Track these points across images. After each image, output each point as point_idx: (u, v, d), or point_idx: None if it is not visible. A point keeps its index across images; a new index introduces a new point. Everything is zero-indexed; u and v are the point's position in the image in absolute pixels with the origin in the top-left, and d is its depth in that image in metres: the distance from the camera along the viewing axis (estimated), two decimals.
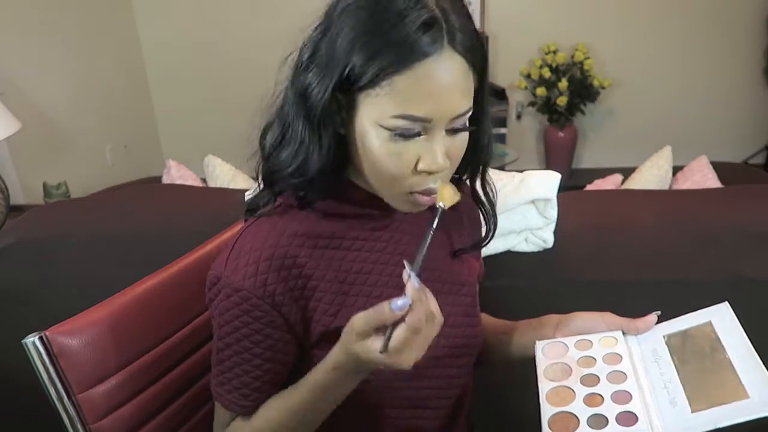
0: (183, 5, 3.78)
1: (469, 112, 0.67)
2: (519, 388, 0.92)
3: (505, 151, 3.41)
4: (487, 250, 0.96)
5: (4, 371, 1.36)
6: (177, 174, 2.16)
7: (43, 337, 0.77)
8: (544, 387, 0.76)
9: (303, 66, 0.68)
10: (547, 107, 3.72)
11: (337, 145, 0.70)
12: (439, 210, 0.67)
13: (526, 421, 0.77)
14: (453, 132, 0.67)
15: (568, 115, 3.72)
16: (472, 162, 0.77)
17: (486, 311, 0.96)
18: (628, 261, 1.29)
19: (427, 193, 0.69)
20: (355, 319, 0.62)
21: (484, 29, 3.71)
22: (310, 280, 0.72)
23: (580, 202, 1.48)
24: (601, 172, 2.38)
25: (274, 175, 0.73)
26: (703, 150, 2.26)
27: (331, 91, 0.65)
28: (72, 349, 0.78)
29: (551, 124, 3.81)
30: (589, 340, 0.82)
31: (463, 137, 0.69)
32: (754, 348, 0.71)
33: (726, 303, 0.78)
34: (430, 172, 0.67)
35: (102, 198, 1.84)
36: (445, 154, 0.67)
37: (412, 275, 0.60)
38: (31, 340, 0.76)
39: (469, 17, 0.67)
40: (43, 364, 0.77)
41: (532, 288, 1.29)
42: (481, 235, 0.90)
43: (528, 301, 1.28)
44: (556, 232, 1.29)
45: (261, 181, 0.75)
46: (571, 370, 0.78)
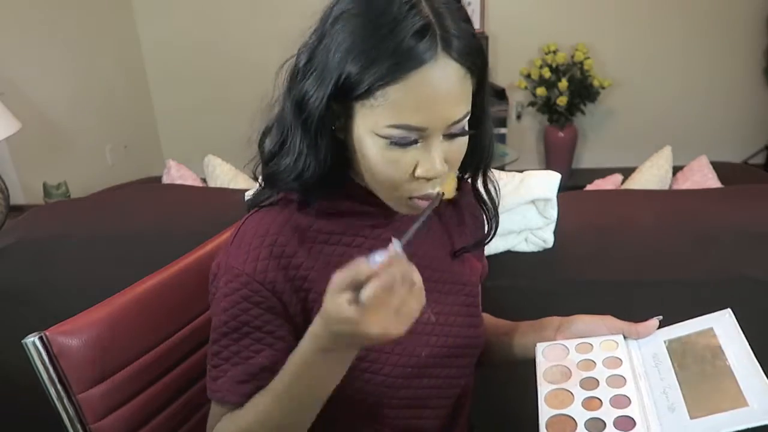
0: (183, 5, 3.78)
1: (467, 117, 0.67)
2: (519, 388, 0.92)
3: (505, 151, 3.41)
4: (488, 250, 0.96)
5: (4, 371, 1.36)
6: (177, 174, 2.16)
7: (43, 337, 0.77)
8: (543, 389, 0.76)
9: (299, 74, 0.69)
10: (547, 107, 3.72)
11: (336, 150, 0.70)
12: (437, 195, 0.66)
13: (526, 421, 0.77)
14: (451, 137, 0.67)
15: (568, 115, 3.72)
16: (474, 162, 0.77)
17: (486, 311, 0.96)
18: (628, 261, 1.29)
19: (425, 198, 0.69)
20: (333, 277, 0.59)
21: (484, 29, 3.71)
22: (310, 272, 0.72)
23: (580, 202, 1.48)
24: (601, 172, 2.38)
25: (274, 178, 0.73)
26: (703, 150, 2.26)
27: (327, 101, 0.65)
28: (72, 349, 0.78)
29: (551, 124, 3.80)
30: (589, 344, 0.82)
31: (462, 141, 0.69)
32: (755, 348, 0.71)
33: (728, 310, 0.77)
34: (428, 179, 0.67)
35: (102, 198, 1.84)
36: (443, 160, 0.66)
37: (395, 241, 0.58)
38: (31, 340, 0.76)
39: (467, 20, 0.66)
40: (43, 364, 0.77)
41: (532, 288, 1.29)
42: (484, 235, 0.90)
43: (528, 301, 1.28)
44: (556, 232, 1.29)
45: (262, 182, 0.76)
46: (570, 372, 0.78)
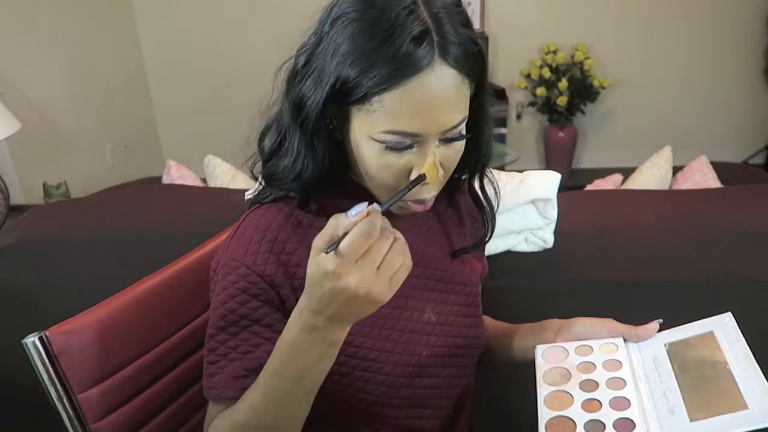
0: (183, 5, 3.78)
1: (463, 122, 0.67)
2: (519, 390, 0.92)
3: (505, 151, 3.41)
4: (488, 250, 0.96)
5: (4, 371, 1.36)
6: (177, 174, 2.16)
7: (43, 337, 0.77)
8: (543, 391, 0.76)
9: (297, 76, 0.69)
10: (547, 107, 3.72)
11: (335, 150, 0.70)
12: (420, 176, 0.65)
13: (526, 422, 0.77)
14: (446, 141, 0.67)
15: (568, 115, 3.72)
16: (472, 163, 0.77)
17: (486, 311, 0.96)
18: (628, 261, 1.29)
19: (419, 202, 0.70)
20: (314, 241, 0.58)
21: (484, 29, 3.71)
22: None
23: (580, 202, 1.47)
24: (601, 172, 2.38)
25: (273, 178, 0.74)
26: (703, 150, 2.26)
27: (323, 104, 0.65)
28: (72, 349, 0.78)
29: (551, 124, 3.80)
30: (589, 346, 0.82)
31: (458, 146, 0.68)
32: (756, 349, 0.71)
33: (729, 313, 0.77)
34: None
35: (102, 198, 1.83)
36: (438, 165, 0.66)
37: (375, 204, 0.57)
38: (31, 340, 0.76)
39: (467, 24, 0.66)
40: (43, 364, 0.77)
41: (532, 288, 1.29)
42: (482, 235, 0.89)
43: (528, 301, 1.28)
44: (556, 232, 1.29)
45: (262, 181, 0.76)
46: (570, 374, 0.78)
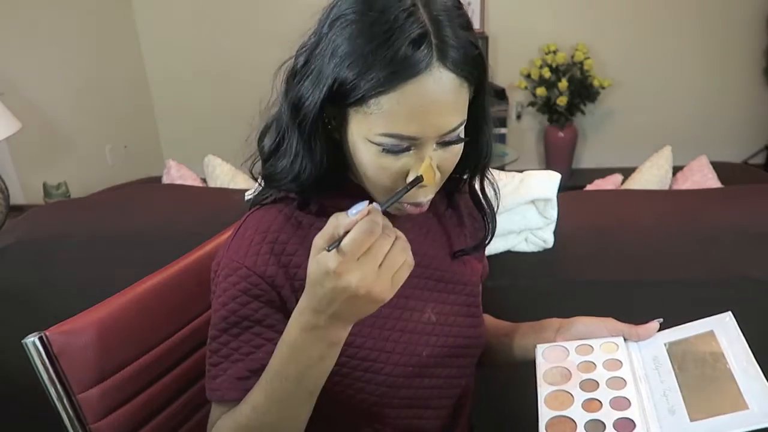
0: (183, 5, 3.78)
1: (462, 126, 0.67)
2: (520, 389, 0.92)
3: (505, 151, 3.41)
4: (488, 250, 0.96)
5: (4, 371, 1.36)
6: (177, 174, 2.16)
7: (43, 337, 0.77)
8: (543, 390, 0.76)
9: (296, 77, 0.69)
10: (547, 107, 3.72)
11: (334, 151, 0.70)
12: (417, 178, 0.64)
13: (526, 422, 0.77)
14: (444, 144, 0.67)
15: (568, 115, 3.72)
16: (471, 164, 0.77)
17: (486, 311, 0.96)
18: (628, 261, 1.29)
19: (416, 205, 0.70)
20: (314, 240, 0.59)
21: (484, 30, 3.71)
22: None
23: (580, 202, 1.47)
24: (601, 172, 2.38)
25: (272, 179, 0.74)
26: (703, 150, 2.26)
27: (321, 105, 0.65)
28: (72, 349, 0.78)
29: (551, 124, 3.80)
30: (589, 345, 0.82)
31: (455, 149, 0.68)
32: (756, 348, 0.71)
33: (729, 313, 0.77)
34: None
35: (102, 198, 1.84)
36: (435, 168, 0.66)
37: (375, 204, 0.57)
38: (31, 340, 0.76)
39: (467, 27, 0.65)
40: (43, 364, 0.77)
41: (532, 288, 1.29)
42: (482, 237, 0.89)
43: (528, 301, 1.28)
44: (556, 232, 1.29)
45: (261, 181, 0.76)
46: (570, 374, 0.78)
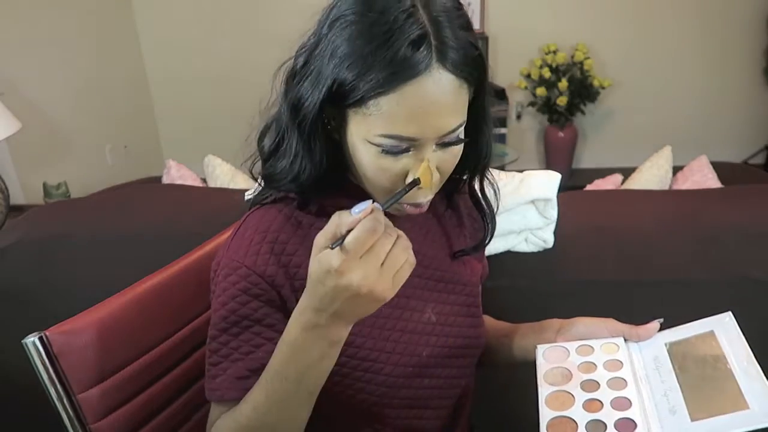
0: (183, 5, 3.78)
1: (461, 127, 0.67)
2: (520, 390, 0.92)
3: (505, 151, 3.41)
4: (488, 251, 0.96)
5: (4, 371, 1.36)
6: (177, 174, 2.16)
7: (43, 337, 0.77)
8: (544, 391, 0.76)
9: (296, 77, 0.69)
10: (547, 107, 3.72)
11: (334, 152, 0.70)
12: (414, 181, 0.65)
13: (526, 422, 0.77)
14: (444, 146, 0.67)
15: (568, 115, 3.72)
16: (471, 165, 0.77)
17: (486, 311, 0.96)
18: (628, 261, 1.29)
19: (416, 206, 0.70)
20: (315, 239, 0.59)
21: (484, 30, 3.71)
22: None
23: (580, 202, 1.47)
24: (601, 172, 2.38)
25: (272, 179, 0.74)
26: (703, 150, 2.26)
27: (320, 105, 0.65)
28: (72, 349, 0.78)
29: (551, 124, 3.80)
30: (590, 346, 0.82)
31: (455, 150, 0.68)
32: (756, 348, 0.71)
33: (729, 313, 0.77)
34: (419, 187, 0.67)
35: (102, 198, 1.83)
36: (434, 169, 0.66)
37: (376, 203, 0.57)
38: (31, 340, 0.76)
39: (467, 28, 0.65)
40: (43, 364, 0.77)
41: (532, 288, 1.29)
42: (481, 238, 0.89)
43: (528, 302, 1.28)
44: (556, 232, 1.29)
45: (261, 181, 0.76)
46: (571, 374, 0.78)
